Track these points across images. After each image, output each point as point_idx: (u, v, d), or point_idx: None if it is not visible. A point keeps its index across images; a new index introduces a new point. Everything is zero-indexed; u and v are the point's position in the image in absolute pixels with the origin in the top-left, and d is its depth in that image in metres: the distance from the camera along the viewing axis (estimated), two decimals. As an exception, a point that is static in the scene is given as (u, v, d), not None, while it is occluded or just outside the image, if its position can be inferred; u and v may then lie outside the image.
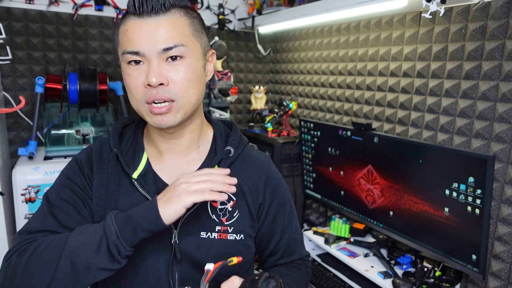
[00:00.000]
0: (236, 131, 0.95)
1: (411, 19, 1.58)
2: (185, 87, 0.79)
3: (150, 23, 0.76)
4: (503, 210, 1.30)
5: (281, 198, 0.96)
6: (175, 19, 0.78)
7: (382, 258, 1.60)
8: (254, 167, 0.93)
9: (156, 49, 0.76)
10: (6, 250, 1.08)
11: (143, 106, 0.80)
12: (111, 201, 0.85)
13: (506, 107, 1.27)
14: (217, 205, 0.87)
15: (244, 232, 0.89)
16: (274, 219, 0.94)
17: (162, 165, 0.90)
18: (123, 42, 0.78)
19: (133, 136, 0.93)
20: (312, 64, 2.21)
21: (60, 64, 2.11)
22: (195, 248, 0.85)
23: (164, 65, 0.78)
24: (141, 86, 0.78)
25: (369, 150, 1.59)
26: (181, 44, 0.78)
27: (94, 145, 0.94)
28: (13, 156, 2.07)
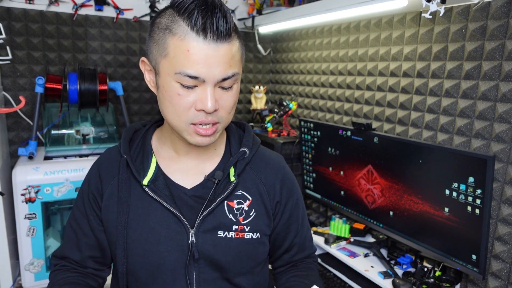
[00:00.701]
0: (249, 132, 0.96)
1: (411, 19, 1.58)
2: (230, 110, 0.81)
3: (214, 49, 0.72)
4: (503, 210, 1.30)
5: (296, 196, 0.97)
6: (234, 45, 0.76)
7: (382, 258, 1.60)
8: (270, 167, 0.94)
9: (216, 78, 0.74)
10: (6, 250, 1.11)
11: (186, 126, 0.78)
12: (123, 207, 0.86)
13: (506, 107, 1.27)
14: (234, 205, 0.88)
15: (261, 231, 0.90)
16: (289, 217, 0.96)
17: (177, 166, 0.90)
18: (182, 62, 0.73)
19: (142, 141, 0.93)
20: (312, 64, 2.21)
21: (60, 64, 2.11)
22: (212, 248, 0.85)
23: (217, 92, 0.77)
24: (191, 108, 0.76)
25: (369, 150, 1.59)
26: (237, 73, 0.77)
27: (103, 156, 0.95)
28: (13, 156, 2.07)
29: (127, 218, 0.86)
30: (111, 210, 0.87)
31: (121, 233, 0.85)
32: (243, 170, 0.90)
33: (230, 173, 0.88)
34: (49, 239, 1.85)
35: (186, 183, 0.88)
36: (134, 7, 2.23)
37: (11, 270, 1.77)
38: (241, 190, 0.89)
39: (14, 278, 1.81)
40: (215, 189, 0.87)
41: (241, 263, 0.88)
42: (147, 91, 2.38)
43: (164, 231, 0.85)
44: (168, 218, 0.85)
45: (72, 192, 1.79)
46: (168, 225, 0.85)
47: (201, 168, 0.90)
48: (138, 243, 0.85)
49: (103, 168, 0.91)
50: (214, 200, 0.85)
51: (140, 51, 2.31)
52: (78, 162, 1.85)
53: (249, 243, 0.88)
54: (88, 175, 0.94)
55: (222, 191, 0.86)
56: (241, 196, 0.89)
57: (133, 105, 2.35)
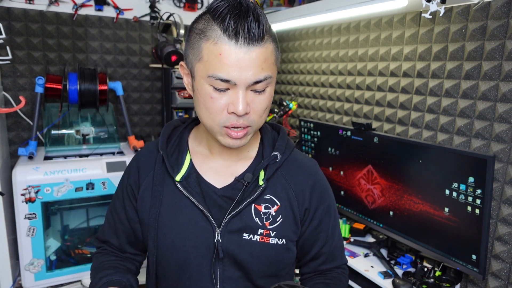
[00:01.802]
0: (284, 135, 0.96)
1: (411, 19, 1.58)
2: (262, 114, 0.81)
3: (245, 52, 0.73)
4: (503, 210, 1.30)
5: (327, 204, 0.96)
6: (267, 47, 0.76)
7: (382, 258, 1.60)
8: (301, 172, 0.93)
9: (248, 81, 0.75)
10: (6, 250, 1.13)
11: (219, 128, 0.80)
12: (156, 201, 0.89)
13: (506, 107, 1.27)
14: (261, 209, 0.88)
15: (286, 237, 0.89)
16: (318, 224, 0.94)
17: (210, 165, 0.92)
18: (214, 66, 0.74)
19: (180, 137, 0.95)
20: (312, 64, 2.21)
21: (60, 64, 2.11)
22: (237, 248, 0.87)
23: (250, 95, 0.77)
24: (223, 111, 0.77)
25: (369, 150, 1.59)
26: (270, 76, 0.77)
27: (143, 150, 0.99)
28: (13, 156, 2.07)
29: (159, 212, 0.89)
30: (145, 203, 0.91)
31: (152, 225, 0.88)
32: (273, 174, 0.90)
33: (260, 176, 0.88)
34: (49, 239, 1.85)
35: (217, 182, 0.89)
36: (134, 7, 2.23)
37: (11, 270, 1.77)
38: (270, 194, 0.89)
39: (14, 278, 1.81)
40: (244, 191, 0.87)
41: (264, 266, 0.88)
42: (147, 91, 2.38)
43: (192, 227, 0.87)
44: (196, 215, 0.87)
45: (72, 192, 1.79)
46: (196, 222, 0.87)
47: (233, 169, 0.91)
48: (167, 236, 0.88)
49: (142, 161, 0.95)
50: (241, 202, 0.86)
51: (140, 51, 2.31)
52: (78, 162, 1.85)
53: (274, 248, 0.88)
54: (128, 168, 0.98)
55: (250, 193, 0.87)
56: (270, 200, 0.88)
57: (133, 105, 2.35)
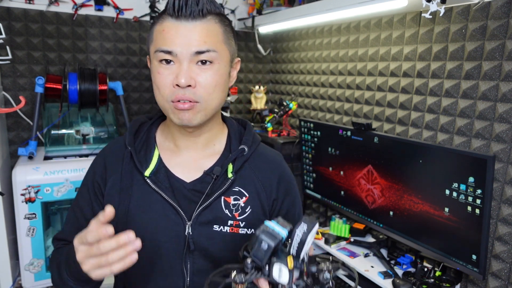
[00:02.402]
0: (250, 130, 0.99)
1: (411, 19, 1.58)
2: (211, 91, 0.83)
3: (186, 26, 0.80)
4: (503, 210, 1.30)
5: (293, 195, 1.00)
6: (210, 25, 0.82)
7: (382, 258, 1.60)
8: (268, 165, 0.97)
9: (189, 51, 0.80)
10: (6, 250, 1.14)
11: (168, 104, 0.84)
12: (124, 197, 0.90)
13: (506, 107, 1.27)
14: (231, 201, 0.91)
15: (255, 226, 0.92)
16: (286, 214, 0.99)
17: (177, 160, 0.94)
18: (158, 41, 0.82)
19: (147, 133, 0.97)
20: (312, 64, 2.21)
21: (60, 64, 2.11)
22: (207, 240, 0.89)
23: (194, 68, 0.81)
24: (170, 85, 0.82)
25: (369, 150, 1.59)
26: (213, 50, 0.82)
27: (109, 146, 0.99)
28: (13, 156, 2.07)
29: (128, 208, 0.89)
30: (113, 199, 0.91)
31: (121, 221, 0.89)
32: (241, 167, 0.93)
33: (228, 169, 0.91)
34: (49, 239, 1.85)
35: (186, 177, 0.91)
36: (134, 7, 2.23)
37: (11, 270, 1.77)
38: (238, 186, 0.92)
39: (14, 278, 1.81)
40: (213, 184, 0.90)
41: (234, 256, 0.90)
42: (147, 91, 2.38)
43: (162, 221, 0.88)
44: (166, 210, 0.89)
45: (72, 192, 1.79)
46: (167, 216, 0.88)
47: (201, 163, 0.93)
48: (137, 232, 0.88)
49: (108, 158, 0.96)
50: (211, 195, 0.89)
51: (140, 51, 2.31)
52: (78, 162, 1.85)
53: (244, 238, 0.91)
54: (94, 164, 0.98)
55: (219, 186, 0.90)
56: (238, 192, 0.92)
57: (133, 105, 2.35)
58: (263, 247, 0.63)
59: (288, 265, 0.63)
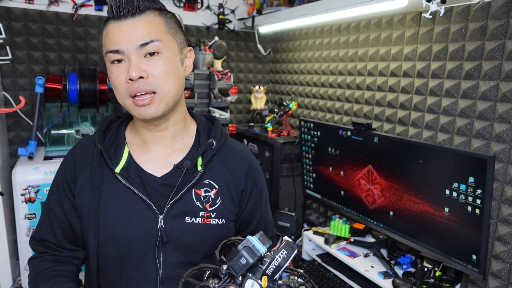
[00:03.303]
0: (218, 125, 1.03)
1: (411, 19, 1.58)
2: (164, 79, 0.86)
3: (127, 24, 0.84)
4: (503, 210, 1.30)
5: (260, 185, 1.05)
6: (150, 18, 0.85)
7: (382, 258, 1.60)
8: (236, 158, 1.01)
9: (134, 45, 0.83)
10: (6, 250, 1.14)
11: (127, 100, 0.87)
12: (95, 194, 0.92)
13: (506, 107, 1.27)
14: (201, 193, 0.94)
15: (226, 217, 0.97)
16: (254, 204, 1.04)
17: (148, 156, 0.96)
18: (105, 43, 0.86)
19: (116, 131, 0.99)
20: (312, 64, 2.21)
21: (60, 64, 2.11)
22: (180, 232, 0.92)
23: (143, 61, 0.84)
24: (124, 82, 0.85)
25: (369, 150, 1.59)
26: (157, 40, 0.84)
27: (77, 146, 1.02)
28: (13, 156, 2.07)
29: (99, 204, 0.91)
30: (83, 196, 0.93)
31: (92, 218, 0.91)
32: (210, 160, 0.96)
33: (198, 162, 0.94)
34: (49, 239, 1.85)
35: (156, 171, 0.94)
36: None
37: (11, 270, 1.77)
38: (209, 179, 0.95)
39: (14, 278, 1.81)
40: (183, 178, 0.93)
41: (206, 246, 0.94)
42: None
43: (134, 216, 0.91)
44: (138, 204, 0.91)
45: None
46: (138, 211, 0.91)
47: (171, 158, 0.96)
48: (108, 228, 0.91)
49: (78, 156, 0.98)
50: (182, 188, 0.91)
51: (140, 51, 2.31)
52: (78, 162, 1.84)
53: (215, 228, 0.95)
54: (63, 163, 1.00)
55: (189, 179, 0.92)
56: (208, 184, 0.95)
57: (133, 105, 2.35)
58: (241, 261, 0.66)
59: (262, 284, 0.66)
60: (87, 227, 0.92)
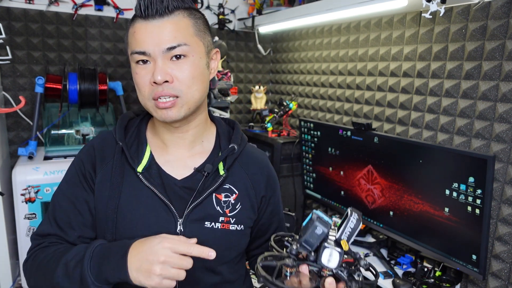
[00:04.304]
0: (238, 129, 1.01)
1: (411, 19, 1.58)
2: (189, 84, 0.84)
3: (155, 25, 0.81)
4: (503, 210, 1.30)
5: (278, 192, 1.06)
6: (179, 20, 0.83)
7: (382, 258, 1.60)
8: (256, 164, 1.00)
9: (161, 48, 0.81)
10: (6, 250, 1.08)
11: (150, 102, 0.85)
12: (114, 192, 0.89)
13: (506, 107, 1.27)
14: (222, 197, 0.92)
15: (245, 223, 0.94)
16: (273, 210, 1.03)
17: (166, 158, 0.94)
18: (131, 43, 0.84)
19: (137, 129, 0.97)
20: (312, 64, 2.21)
21: (60, 64, 2.11)
22: (198, 237, 0.88)
23: (169, 64, 0.82)
24: (148, 84, 0.83)
25: (369, 150, 1.59)
26: (184, 44, 0.82)
27: (96, 140, 0.97)
28: (13, 156, 2.07)
29: (118, 203, 0.88)
30: (102, 193, 0.90)
31: (110, 217, 0.88)
32: (232, 164, 0.94)
33: (219, 167, 0.92)
34: (49, 239, 1.85)
35: (176, 174, 0.92)
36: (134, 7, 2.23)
37: (11, 270, 1.77)
38: (229, 184, 0.94)
39: (14, 278, 1.81)
40: (204, 182, 0.91)
41: (224, 252, 0.92)
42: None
43: (154, 218, 0.88)
44: (158, 206, 0.88)
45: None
46: (158, 213, 0.88)
47: (190, 161, 0.94)
48: (127, 229, 0.88)
49: (98, 152, 0.94)
50: (203, 192, 0.89)
51: (140, 51, 2.31)
52: (78, 162, 1.84)
53: (233, 234, 0.93)
54: (82, 156, 0.94)
55: (211, 183, 0.91)
56: (229, 189, 0.93)
57: (133, 105, 2.35)
58: (317, 232, 0.66)
59: (344, 248, 0.67)
60: (104, 227, 0.89)
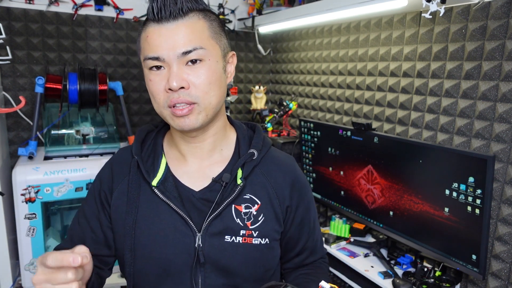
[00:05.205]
0: (259, 133, 0.94)
1: (411, 19, 1.58)
2: (206, 89, 0.79)
3: (169, 28, 0.77)
4: (503, 210, 1.30)
5: (307, 200, 0.95)
6: (194, 22, 0.78)
7: (382, 258, 1.60)
8: (280, 170, 0.91)
9: (176, 53, 0.76)
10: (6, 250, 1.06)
11: (166, 110, 0.81)
12: (132, 208, 0.86)
13: (506, 107, 1.27)
14: (242, 209, 0.86)
15: (269, 236, 0.87)
16: (301, 221, 0.94)
17: (184, 169, 0.89)
18: (144, 48, 0.80)
19: (154, 142, 0.93)
20: (312, 64, 2.21)
21: (60, 64, 2.11)
22: (219, 252, 0.84)
23: (184, 69, 0.78)
24: (163, 91, 0.79)
25: (369, 150, 1.59)
26: (200, 47, 0.78)
27: (115, 156, 0.96)
28: (13, 156, 2.07)
29: (136, 219, 0.85)
30: (120, 210, 0.87)
31: (128, 233, 0.85)
32: (251, 172, 0.88)
33: (238, 175, 0.86)
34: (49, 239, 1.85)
35: (194, 185, 0.87)
36: (134, 7, 2.23)
37: (11, 270, 1.77)
38: (250, 193, 0.87)
39: (14, 278, 1.81)
40: (222, 192, 0.85)
41: (249, 269, 0.85)
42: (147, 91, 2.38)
43: (172, 233, 0.84)
44: (175, 221, 0.84)
45: (72, 192, 1.79)
46: (176, 228, 0.84)
47: (209, 170, 0.88)
48: (145, 244, 0.85)
49: (115, 167, 0.92)
50: (221, 203, 0.84)
51: (140, 51, 2.31)
52: (78, 162, 1.85)
53: (258, 248, 0.86)
54: (100, 174, 0.94)
55: (229, 194, 0.85)
56: (249, 200, 0.86)
57: (133, 105, 2.35)
58: None
59: None
60: (122, 244, 0.86)
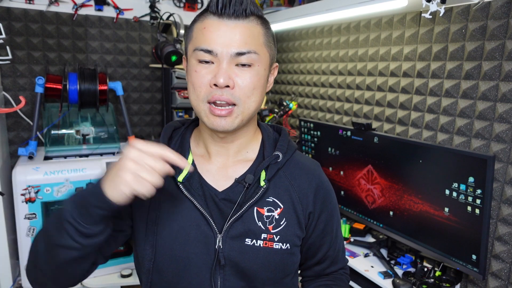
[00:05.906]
0: (285, 136, 0.94)
1: (411, 19, 1.58)
2: (249, 93, 0.79)
3: (229, 26, 0.77)
4: (503, 210, 1.30)
5: (331, 207, 0.94)
6: (252, 26, 0.79)
7: (382, 258, 1.60)
8: (304, 174, 0.90)
9: (230, 51, 0.77)
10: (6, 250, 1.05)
11: (203, 105, 0.80)
12: (155, 203, 0.85)
13: (506, 107, 1.27)
14: (264, 212, 0.85)
15: (291, 241, 0.86)
16: (324, 229, 0.92)
17: (208, 167, 0.89)
18: (198, 39, 0.79)
19: (181, 138, 0.93)
20: (312, 64, 2.21)
21: (60, 64, 2.11)
22: (239, 255, 0.83)
23: (233, 69, 0.78)
24: (206, 85, 0.78)
25: (369, 150, 1.59)
26: (254, 51, 0.78)
27: None
28: (13, 156, 2.07)
29: (158, 214, 0.84)
30: (143, 204, 0.86)
31: (151, 229, 0.84)
32: (275, 175, 0.87)
33: (261, 177, 0.85)
34: (49, 239, 1.85)
35: (218, 185, 0.86)
36: (134, 7, 2.23)
37: (11, 270, 1.77)
38: (273, 196, 0.86)
39: (14, 278, 1.81)
40: (245, 193, 0.84)
41: (268, 273, 0.85)
42: (147, 91, 2.38)
43: (193, 232, 0.83)
44: (198, 219, 0.83)
45: (72, 192, 1.79)
46: (198, 226, 0.83)
47: (232, 170, 0.88)
48: (166, 241, 0.84)
49: None
50: (243, 205, 0.83)
51: (140, 51, 2.31)
52: (78, 162, 1.85)
53: (278, 253, 0.85)
54: None
55: (251, 195, 0.83)
56: (272, 203, 0.85)
57: (133, 105, 2.35)
58: None
59: None
60: (144, 239, 0.85)
